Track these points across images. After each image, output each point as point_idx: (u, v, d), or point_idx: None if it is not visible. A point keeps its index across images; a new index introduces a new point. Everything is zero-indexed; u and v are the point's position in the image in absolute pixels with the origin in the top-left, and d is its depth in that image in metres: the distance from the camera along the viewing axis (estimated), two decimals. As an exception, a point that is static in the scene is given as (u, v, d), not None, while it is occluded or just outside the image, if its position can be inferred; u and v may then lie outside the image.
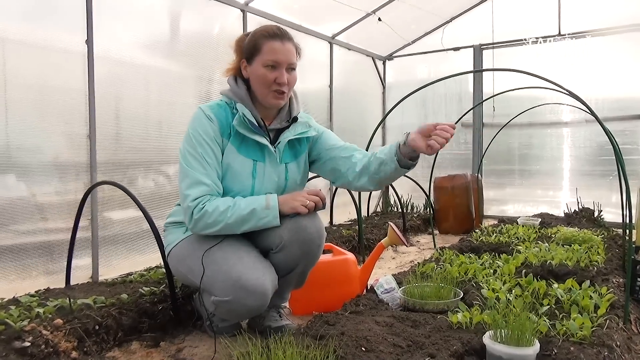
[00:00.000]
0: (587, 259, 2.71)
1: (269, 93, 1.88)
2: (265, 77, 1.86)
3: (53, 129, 2.71)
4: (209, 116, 1.86)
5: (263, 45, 1.86)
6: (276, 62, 1.85)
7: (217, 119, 1.87)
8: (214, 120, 1.86)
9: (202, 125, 1.85)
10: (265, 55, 1.85)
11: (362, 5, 4.83)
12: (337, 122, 5.32)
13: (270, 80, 1.86)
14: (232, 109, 1.92)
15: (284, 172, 1.98)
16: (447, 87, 5.82)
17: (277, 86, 1.87)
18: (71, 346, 1.76)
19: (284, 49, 1.86)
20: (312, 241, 1.86)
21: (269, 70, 1.86)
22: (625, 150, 4.66)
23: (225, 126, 1.88)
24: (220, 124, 1.87)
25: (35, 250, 2.62)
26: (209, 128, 1.85)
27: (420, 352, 1.53)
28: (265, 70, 1.86)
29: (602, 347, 1.54)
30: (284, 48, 1.86)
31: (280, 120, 1.99)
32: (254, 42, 1.89)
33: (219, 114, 1.89)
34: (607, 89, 4.95)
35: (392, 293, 2.19)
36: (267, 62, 1.85)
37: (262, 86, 1.88)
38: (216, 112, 1.89)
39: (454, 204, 4.82)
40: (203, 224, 1.79)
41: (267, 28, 1.90)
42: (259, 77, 1.87)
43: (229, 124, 1.89)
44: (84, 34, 2.82)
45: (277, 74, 1.86)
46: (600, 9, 4.95)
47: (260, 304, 1.78)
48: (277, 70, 1.86)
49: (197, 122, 1.86)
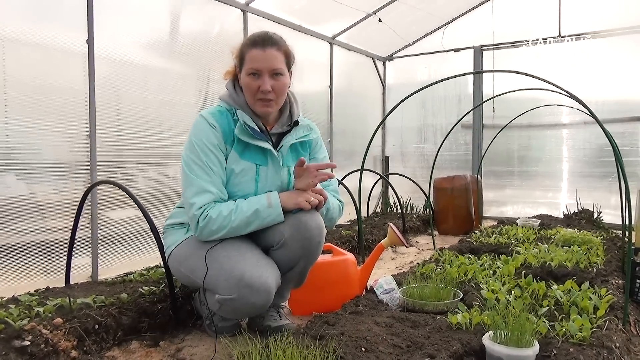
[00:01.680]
0: (587, 261, 2.71)
1: (255, 101, 1.90)
2: (250, 85, 1.88)
3: (53, 128, 2.71)
4: (211, 124, 1.87)
5: (246, 54, 1.88)
6: (257, 70, 1.86)
7: (220, 126, 1.88)
8: (217, 128, 1.87)
9: (205, 133, 1.85)
10: (248, 64, 1.87)
11: (362, 6, 4.83)
12: (337, 123, 5.32)
13: (255, 89, 1.87)
14: (233, 115, 1.93)
15: (287, 175, 1.99)
16: (447, 88, 5.82)
17: (261, 94, 1.88)
18: (71, 345, 1.76)
19: (264, 55, 1.86)
20: (312, 238, 1.87)
21: (253, 79, 1.87)
22: (624, 152, 4.67)
23: (227, 133, 1.89)
24: (223, 131, 1.88)
25: (34, 249, 2.62)
26: (212, 136, 1.85)
27: (420, 352, 1.53)
28: (249, 79, 1.87)
29: (602, 348, 1.54)
30: (264, 55, 1.86)
31: (281, 124, 2.01)
32: (240, 51, 1.92)
33: (221, 121, 1.89)
34: (606, 90, 4.96)
35: (391, 294, 2.19)
36: (250, 71, 1.87)
37: (248, 95, 1.91)
38: (218, 119, 1.89)
39: (454, 205, 4.83)
40: (208, 230, 1.80)
41: (251, 36, 1.93)
42: (245, 85, 1.90)
43: (231, 131, 1.89)
44: (84, 34, 2.82)
45: (260, 82, 1.87)
46: (600, 11, 4.96)
47: (264, 301, 1.78)
48: (260, 79, 1.87)
49: (199, 130, 1.87)
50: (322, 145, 2.16)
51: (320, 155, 2.13)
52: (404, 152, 6.31)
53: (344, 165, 5.19)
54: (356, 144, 5.57)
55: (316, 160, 2.11)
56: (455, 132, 5.14)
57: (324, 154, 2.16)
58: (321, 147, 2.16)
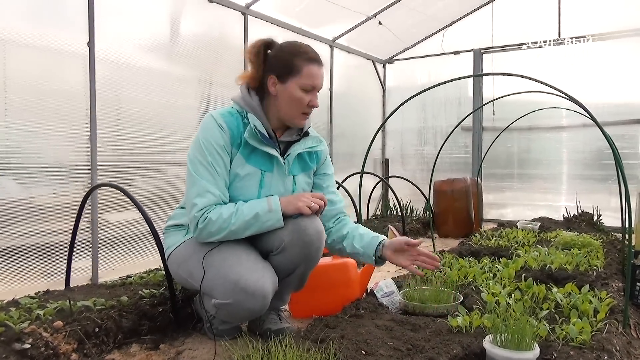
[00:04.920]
0: (587, 263, 2.71)
1: (299, 115, 1.92)
2: (302, 99, 1.88)
3: (53, 130, 2.71)
4: (220, 125, 1.86)
5: (303, 67, 1.87)
6: (315, 87, 1.90)
7: (229, 128, 1.87)
8: (225, 130, 1.86)
9: (213, 134, 1.85)
10: (305, 79, 1.87)
11: (362, 9, 4.84)
12: (337, 125, 5.33)
13: (305, 103, 1.89)
14: (244, 118, 1.92)
15: (292, 183, 1.99)
16: (447, 91, 5.82)
17: (308, 109, 1.91)
18: (71, 348, 1.76)
19: (320, 73, 1.91)
20: (312, 243, 1.86)
21: (304, 94, 1.88)
22: (624, 154, 4.67)
23: (236, 136, 1.88)
24: (231, 134, 1.87)
25: (35, 252, 2.62)
26: (219, 137, 1.85)
27: (420, 355, 1.53)
28: (302, 93, 1.88)
29: (602, 351, 1.54)
30: (319, 73, 1.91)
31: (290, 133, 2.01)
32: (289, 61, 1.88)
33: (231, 122, 1.88)
34: (606, 93, 4.96)
35: (391, 296, 2.19)
36: (306, 86, 1.88)
37: (293, 107, 1.90)
38: (228, 120, 1.88)
39: (454, 207, 4.83)
40: (207, 232, 1.80)
41: (304, 49, 1.93)
42: (294, 98, 1.88)
43: (240, 134, 1.89)
44: (85, 36, 2.83)
45: (312, 97, 1.90)
46: (600, 14, 4.97)
47: (260, 306, 1.78)
48: (312, 94, 1.90)
49: (208, 130, 1.86)
50: (329, 161, 2.18)
51: (330, 171, 2.15)
52: (404, 155, 6.31)
53: (344, 167, 5.20)
54: (356, 147, 5.58)
55: (326, 176, 2.12)
56: (455, 135, 5.14)
57: (332, 170, 2.17)
58: (329, 162, 2.17)
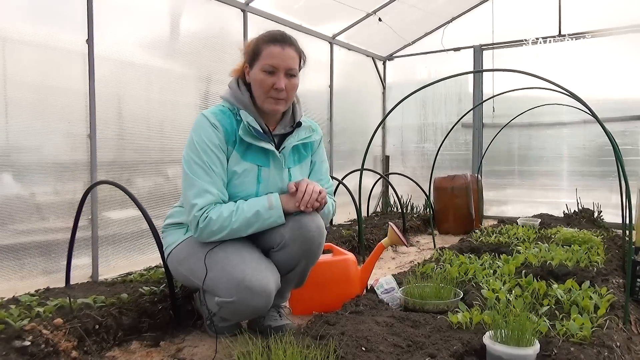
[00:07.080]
0: (587, 260, 2.71)
1: (266, 98, 1.88)
2: (264, 82, 1.85)
3: (53, 128, 2.71)
4: (213, 124, 1.85)
5: (263, 49, 1.86)
6: (274, 67, 1.85)
7: (222, 126, 1.86)
8: (219, 128, 1.85)
9: (207, 133, 1.83)
10: (264, 60, 1.85)
11: (362, 6, 4.83)
12: (337, 122, 5.32)
13: (268, 86, 1.85)
14: (236, 115, 1.91)
15: (288, 176, 1.98)
16: (447, 88, 5.83)
17: (275, 92, 1.86)
18: (71, 345, 1.76)
19: (283, 54, 1.85)
20: (312, 239, 1.86)
21: (267, 75, 1.85)
22: (625, 150, 4.67)
23: (230, 134, 1.87)
24: (225, 132, 1.86)
25: (35, 249, 2.62)
26: (213, 136, 1.83)
27: (421, 352, 1.53)
28: (263, 75, 1.85)
29: (602, 347, 1.54)
30: (283, 53, 1.85)
31: (284, 125, 2.00)
32: (255, 46, 1.89)
33: (224, 121, 1.87)
34: (607, 89, 4.95)
35: (392, 293, 2.19)
36: (265, 67, 1.85)
37: (260, 91, 1.88)
38: (220, 119, 1.87)
39: (454, 204, 4.82)
40: (209, 231, 1.79)
41: (270, 33, 1.90)
42: (257, 81, 1.87)
43: (234, 132, 1.88)
44: (84, 34, 2.82)
45: (275, 79, 1.85)
46: (600, 10, 4.95)
47: (264, 304, 1.78)
48: (275, 76, 1.85)
49: (201, 130, 1.85)
50: (322, 148, 2.15)
51: (318, 159, 2.12)
52: (404, 152, 6.31)
53: (344, 164, 5.20)
54: (356, 144, 5.57)
55: (313, 163, 2.11)
56: (455, 132, 5.14)
57: (322, 157, 2.15)
58: (321, 149, 2.15)
